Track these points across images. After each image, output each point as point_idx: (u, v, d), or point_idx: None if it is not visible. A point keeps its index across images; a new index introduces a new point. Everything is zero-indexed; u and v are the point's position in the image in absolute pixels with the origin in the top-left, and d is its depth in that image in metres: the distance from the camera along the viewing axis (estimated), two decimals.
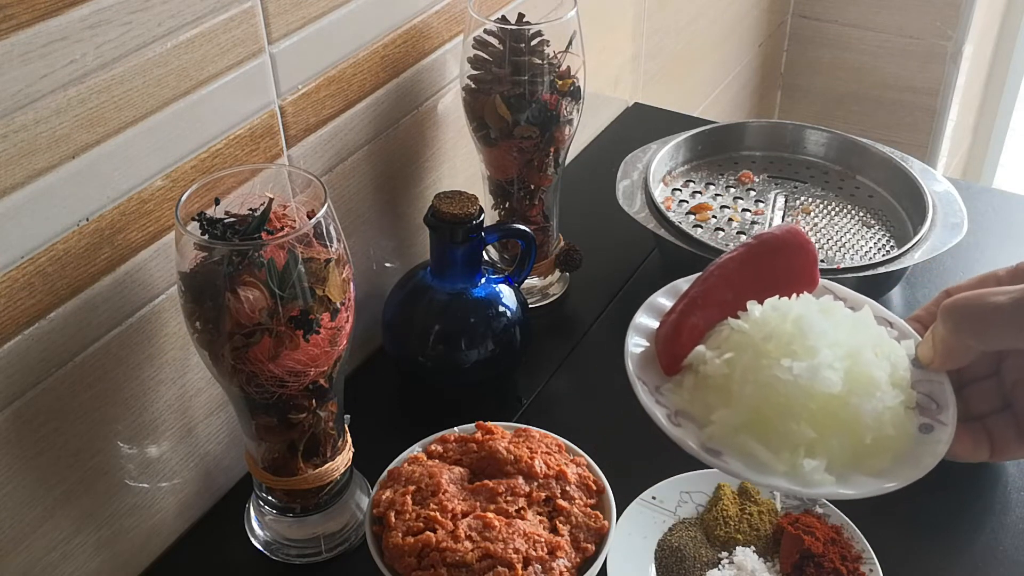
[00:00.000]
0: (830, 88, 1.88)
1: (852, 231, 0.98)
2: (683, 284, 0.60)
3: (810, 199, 1.03)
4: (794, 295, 0.58)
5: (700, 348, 0.57)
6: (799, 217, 1.00)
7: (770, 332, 0.54)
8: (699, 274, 0.60)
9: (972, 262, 1.00)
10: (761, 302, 0.57)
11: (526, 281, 0.90)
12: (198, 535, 0.75)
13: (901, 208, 1.00)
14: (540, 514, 0.65)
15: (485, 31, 0.83)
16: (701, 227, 0.98)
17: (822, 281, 0.61)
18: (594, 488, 0.67)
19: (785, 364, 0.52)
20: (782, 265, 0.59)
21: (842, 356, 0.52)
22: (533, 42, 0.82)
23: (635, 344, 0.58)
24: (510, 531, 0.62)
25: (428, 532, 0.62)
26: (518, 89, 0.82)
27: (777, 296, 0.57)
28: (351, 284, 0.62)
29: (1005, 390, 0.54)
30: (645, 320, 0.60)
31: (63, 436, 0.62)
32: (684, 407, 0.55)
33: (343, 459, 0.69)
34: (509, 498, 0.65)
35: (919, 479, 0.53)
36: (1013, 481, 0.77)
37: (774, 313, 0.55)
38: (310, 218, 0.58)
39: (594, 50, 1.14)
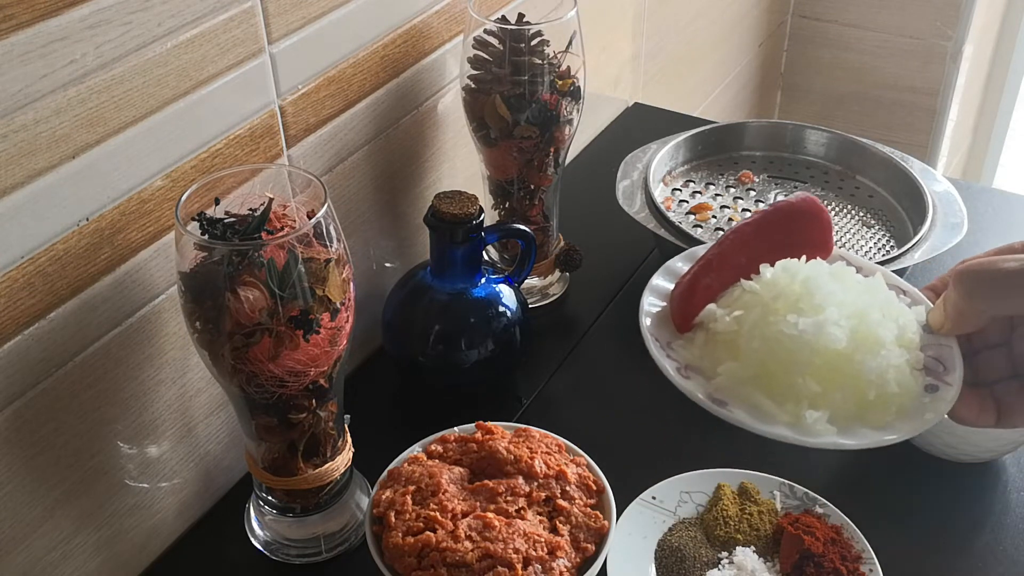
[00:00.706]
0: (830, 88, 1.88)
1: (852, 231, 0.98)
2: (700, 251, 0.62)
3: None
4: (804, 258, 0.59)
5: (712, 306, 0.58)
6: None
7: (779, 291, 0.55)
8: (715, 241, 0.62)
9: None
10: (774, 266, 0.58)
11: (526, 281, 0.90)
12: (198, 535, 0.75)
13: (901, 208, 1.00)
14: (540, 514, 0.65)
15: (485, 31, 0.83)
16: (701, 227, 0.98)
17: (836, 249, 0.62)
18: (594, 488, 0.67)
19: (791, 320, 0.53)
20: (797, 232, 0.60)
21: (848, 315, 0.53)
22: (533, 42, 0.82)
23: (650, 303, 0.60)
24: (510, 531, 0.62)
25: (428, 532, 0.62)
26: (518, 89, 0.82)
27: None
28: (351, 284, 0.62)
29: (1015, 358, 0.54)
30: (661, 282, 0.61)
31: (63, 436, 0.62)
32: (694, 362, 0.56)
33: (343, 459, 0.69)
34: (509, 498, 0.65)
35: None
36: (1013, 481, 0.77)
37: (784, 274, 0.56)
38: (310, 218, 0.58)
39: (594, 50, 1.14)
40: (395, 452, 0.70)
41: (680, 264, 0.63)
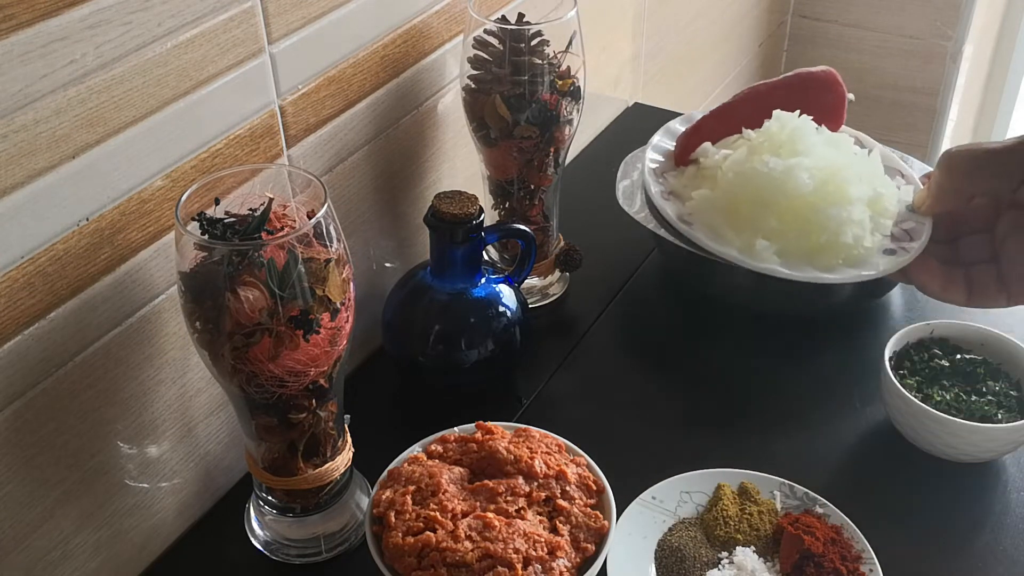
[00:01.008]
0: None
1: None
2: (698, 114, 0.64)
3: None
4: (801, 113, 0.61)
5: (707, 144, 0.63)
6: None
7: (768, 136, 0.59)
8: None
9: None
10: None
11: (526, 281, 0.90)
12: (198, 535, 0.75)
13: None
14: (540, 514, 0.65)
15: (485, 31, 0.83)
16: None
17: (846, 127, 0.65)
18: (594, 488, 0.67)
19: (765, 159, 0.57)
20: (812, 98, 0.64)
21: (823, 167, 0.57)
22: (533, 42, 0.82)
23: (652, 160, 0.64)
24: (510, 531, 0.62)
25: (428, 532, 0.62)
26: (518, 89, 0.82)
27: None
28: (351, 284, 0.62)
29: (995, 244, 0.56)
30: (660, 139, 0.65)
31: (63, 436, 0.62)
32: (678, 189, 0.61)
33: (343, 459, 0.69)
34: (509, 498, 0.65)
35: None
36: (1013, 481, 0.77)
37: (776, 122, 0.60)
38: (310, 218, 0.58)
39: (594, 50, 1.14)
40: (395, 452, 0.70)
41: (678, 125, 0.66)
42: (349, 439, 0.71)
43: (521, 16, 0.84)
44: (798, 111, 0.61)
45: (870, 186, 0.59)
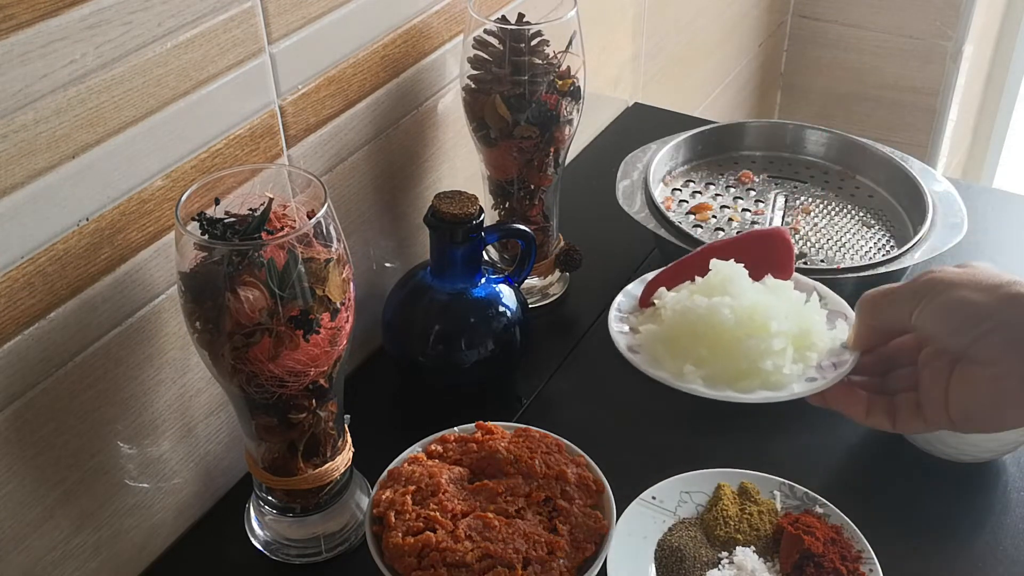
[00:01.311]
0: (830, 88, 1.88)
1: (852, 231, 0.98)
2: (651, 275, 0.76)
3: (810, 199, 1.03)
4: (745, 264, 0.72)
5: (662, 288, 0.74)
6: (799, 217, 1.00)
7: (707, 282, 0.71)
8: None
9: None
10: None
11: (526, 281, 0.90)
12: (198, 535, 0.75)
13: (901, 208, 1.00)
14: (540, 514, 0.65)
15: (485, 31, 0.83)
16: (701, 227, 0.98)
17: (796, 275, 0.74)
18: (594, 488, 0.67)
19: (697, 299, 0.69)
20: (762, 253, 0.74)
21: (746, 305, 0.68)
22: (533, 42, 0.82)
23: (619, 303, 0.75)
24: (510, 531, 0.62)
25: (428, 532, 0.62)
26: (518, 89, 0.82)
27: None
28: (351, 284, 0.62)
29: (916, 375, 0.63)
30: (632, 286, 0.77)
31: (63, 436, 0.62)
32: (635, 325, 0.73)
33: (343, 459, 0.69)
34: (509, 498, 0.65)
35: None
36: (1013, 481, 0.77)
37: (713, 270, 0.71)
38: (310, 218, 0.58)
39: (594, 50, 1.14)
40: (395, 452, 0.70)
41: (634, 288, 0.77)
42: (349, 439, 0.71)
43: (521, 16, 0.84)
44: (731, 259, 0.72)
45: (795, 323, 0.69)
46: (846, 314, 0.71)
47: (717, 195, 1.03)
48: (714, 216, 1.00)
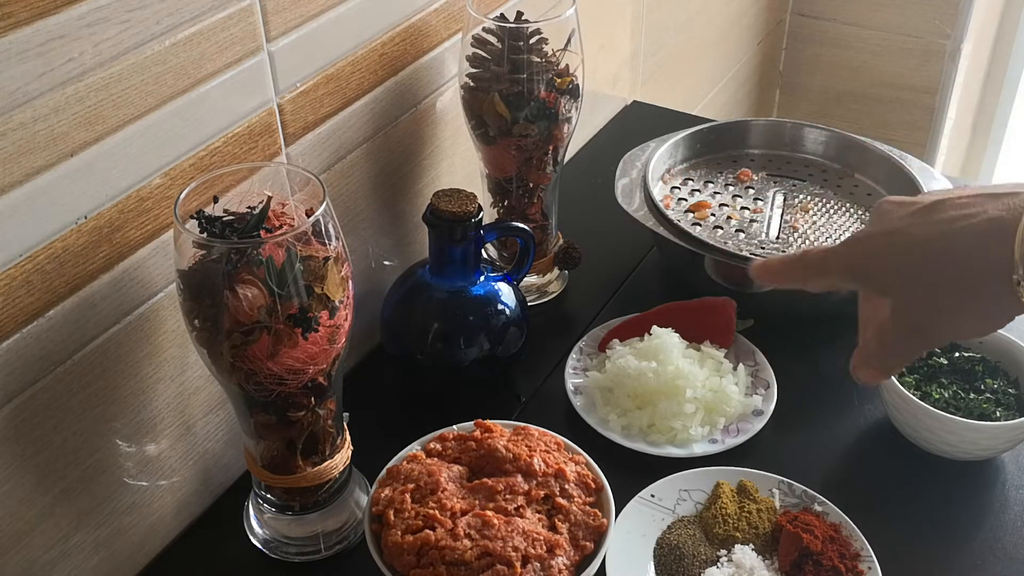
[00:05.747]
0: (829, 86, 1.88)
1: (851, 229, 0.98)
2: (617, 321, 0.90)
3: (809, 197, 1.03)
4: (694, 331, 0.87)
5: (615, 339, 0.87)
6: (798, 215, 1.00)
7: (647, 343, 0.83)
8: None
9: None
10: (681, 335, 0.85)
11: (525, 279, 0.90)
12: (197, 533, 0.75)
13: None
14: (539, 512, 0.65)
15: (484, 29, 0.83)
16: (700, 225, 0.98)
17: (740, 340, 0.88)
18: (593, 486, 0.67)
19: (630, 360, 0.82)
20: (708, 319, 0.87)
21: (669, 371, 0.80)
22: (532, 40, 0.82)
23: (583, 342, 0.89)
24: (509, 529, 0.62)
25: (427, 530, 0.62)
26: (517, 87, 0.82)
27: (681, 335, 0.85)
28: (350, 282, 0.62)
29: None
30: (597, 330, 0.91)
31: (62, 434, 0.62)
32: (588, 368, 0.86)
33: (342, 457, 0.69)
34: (508, 496, 0.65)
35: None
36: (1012, 479, 0.78)
37: (654, 334, 0.84)
38: (308, 216, 0.58)
39: (593, 48, 1.14)
40: (394, 450, 0.70)
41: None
42: (348, 437, 0.71)
43: (520, 14, 0.84)
44: (678, 324, 0.85)
45: (710, 391, 0.80)
46: (769, 382, 0.84)
47: (716, 193, 1.03)
48: (713, 214, 1.00)
